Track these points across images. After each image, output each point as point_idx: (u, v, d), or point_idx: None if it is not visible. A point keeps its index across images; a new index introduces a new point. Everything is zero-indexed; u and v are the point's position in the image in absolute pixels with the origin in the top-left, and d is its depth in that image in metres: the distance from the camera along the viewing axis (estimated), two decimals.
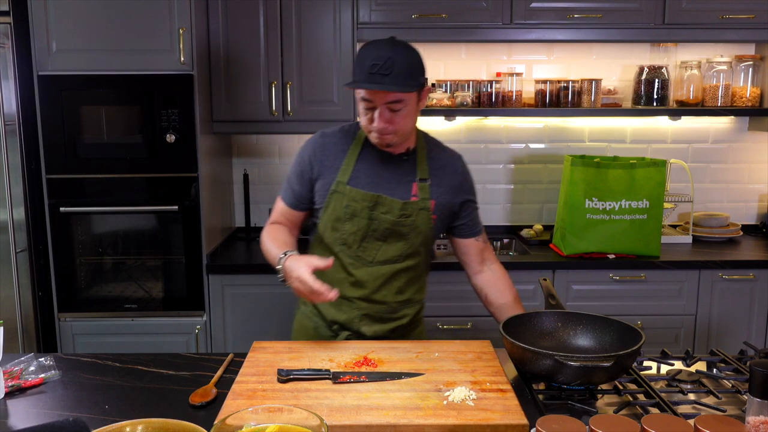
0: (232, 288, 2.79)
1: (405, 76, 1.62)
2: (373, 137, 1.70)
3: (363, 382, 1.41)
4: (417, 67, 1.67)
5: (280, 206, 1.87)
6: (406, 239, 1.76)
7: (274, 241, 1.76)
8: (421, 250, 1.81)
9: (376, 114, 1.64)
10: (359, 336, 1.81)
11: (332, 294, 1.55)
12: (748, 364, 1.45)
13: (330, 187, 1.75)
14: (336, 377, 1.42)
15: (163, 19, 2.61)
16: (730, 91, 3.10)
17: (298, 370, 1.44)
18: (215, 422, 1.07)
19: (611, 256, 2.80)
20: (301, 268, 1.57)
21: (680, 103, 3.12)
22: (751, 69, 3.10)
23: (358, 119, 1.82)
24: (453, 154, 1.88)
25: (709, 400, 1.40)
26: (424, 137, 1.85)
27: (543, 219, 3.36)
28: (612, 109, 3.13)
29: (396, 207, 1.73)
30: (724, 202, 3.37)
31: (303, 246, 1.83)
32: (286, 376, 1.42)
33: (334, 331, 1.84)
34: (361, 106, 1.68)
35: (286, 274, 1.63)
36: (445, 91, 3.10)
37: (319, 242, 1.83)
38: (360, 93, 1.65)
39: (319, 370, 1.44)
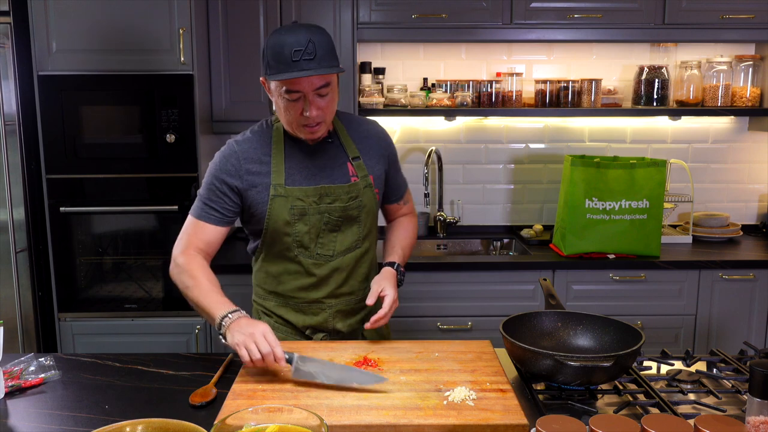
0: (232, 288, 2.77)
1: (329, 56, 1.56)
2: (304, 132, 1.64)
3: (320, 381, 1.41)
4: (333, 46, 1.60)
5: (197, 228, 1.69)
6: (359, 222, 1.74)
7: (212, 288, 1.61)
8: (372, 229, 1.80)
9: (307, 105, 1.57)
10: (335, 334, 1.80)
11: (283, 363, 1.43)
12: (748, 364, 1.45)
13: (268, 192, 1.67)
14: (297, 369, 1.43)
15: (163, 19, 2.61)
16: (730, 91, 3.10)
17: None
18: (215, 422, 1.07)
19: (611, 256, 2.80)
20: (277, 348, 1.43)
21: (680, 103, 3.12)
22: (751, 69, 3.10)
23: (271, 118, 1.76)
24: (369, 122, 1.84)
25: (709, 400, 1.40)
26: (337, 116, 1.78)
27: (543, 219, 3.36)
28: (612, 109, 3.13)
29: (342, 192, 1.70)
30: (724, 202, 3.37)
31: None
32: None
33: (307, 336, 1.81)
34: (282, 102, 1.59)
35: (235, 329, 1.47)
36: (445, 91, 3.10)
37: (268, 255, 1.76)
38: (281, 87, 1.56)
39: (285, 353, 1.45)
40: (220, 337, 1.52)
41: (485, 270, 2.79)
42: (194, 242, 1.69)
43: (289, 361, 1.41)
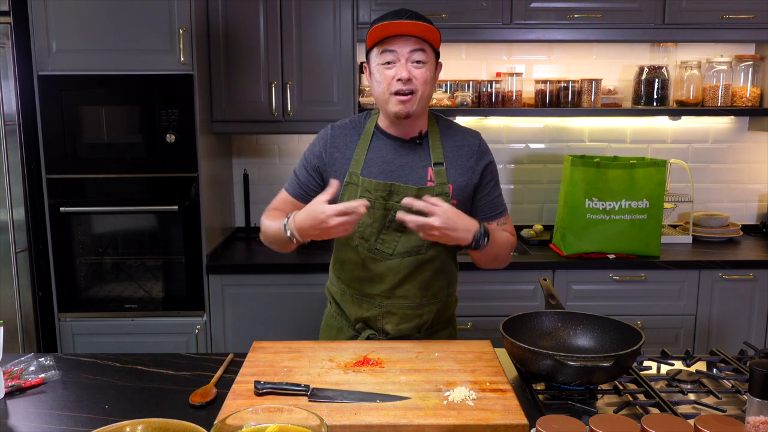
0: (232, 288, 2.79)
1: (428, 22, 1.63)
2: (394, 104, 1.64)
3: (339, 402, 1.34)
4: (433, 24, 1.65)
5: (282, 196, 1.82)
6: None
7: (274, 220, 1.71)
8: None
9: (401, 67, 1.61)
10: (383, 334, 1.77)
11: (360, 204, 1.49)
12: (748, 364, 1.45)
13: (343, 179, 1.71)
14: (313, 394, 1.36)
15: (163, 19, 2.61)
16: (730, 91, 3.10)
17: (274, 383, 1.38)
18: (215, 422, 1.07)
19: (611, 256, 2.80)
20: (316, 206, 1.53)
21: (680, 103, 3.12)
22: (751, 69, 3.10)
23: (371, 111, 1.80)
24: (470, 132, 1.80)
25: (709, 400, 1.40)
26: (436, 119, 1.79)
27: (543, 219, 3.36)
28: (612, 109, 3.13)
29: (411, 194, 1.65)
30: (724, 202, 3.37)
31: (317, 246, 1.79)
32: (261, 389, 1.36)
33: (357, 330, 1.80)
34: (378, 73, 1.64)
35: (300, 229, 1.57)
36: (445, 91, 3.10)
37: (339, 241, 1.79)
38: (378, 52, 1.63)
39: (298, 385, 1.38)
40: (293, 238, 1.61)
41: (485, 270, 2.78)
42: (276, 204, 1.82)
43: (305, 390, 1.38)
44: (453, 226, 1.54)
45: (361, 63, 1.70)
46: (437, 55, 1.69)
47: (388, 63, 1.63)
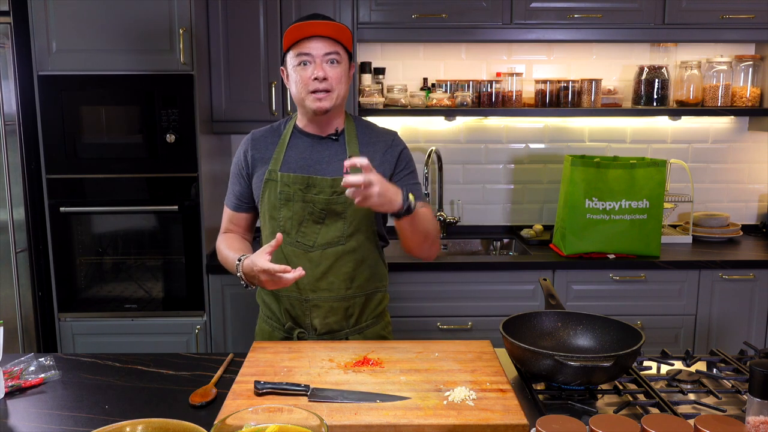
0: (232, 288, 2.79)
1: (339, 28, 1.71)
2: (311, 101, 1.71)
3: (339, 402, 1.34)
4: (347, 29, 1.73)
5: (226, 213, 1.91)
6: (344, 218, 1.74)
7: (229, 249, 1.79)
8: (364, 230, 1.78)
9: (316, 67, 1.68)
10: (312, 330, 1.79)
11: (296, 272, 1.54)
12: (748, 364, 1.45)
13: (263, 177, 1.78)
14: (313, 394, 1.36)
15: (163, 19, 2.61)
16: (730, 91, 3.10)
17: (274, 383, 1.39)
18: (215, 422, 1.07)
19: (611, 256, 2.80)
20: (258, 260, 1.58)
21: (680, 103, 3.12)
22: (751, 69, 3.10)
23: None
24: (385, 131, 1.87)
25: (709, 400, 1.40)
26: (353, 119, 1.86)
27: (543, 219, 3.36)
28: (612, 109, 3.13)
29: (327, 185, 1.73)
30: (724, 202, 3.37)
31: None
32: (261, 389, 1.37)
33: (287, 331, 1.82)
34: (295, 75, 1.71)
35: (247, 276, 1.66)
36: (445, 91, 3.10)
37: (264, 239, 1.84)
38: (294, 55, 1.69)
39: (298, 385, 1.38)
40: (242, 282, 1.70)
41: (485, 270, 2.79)
42: (225, 226, 1.92)
43: (305, 390, 1.38)
44: (386, 188, 1.55)
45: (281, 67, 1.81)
46: (350, 56, 1.77)
47: (304, 64, 1.70)
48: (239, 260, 1.68)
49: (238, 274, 1.68)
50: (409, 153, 1.86)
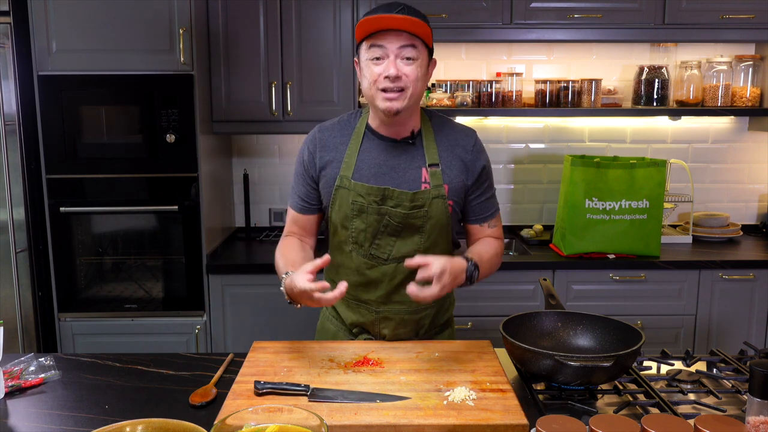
0: (232, 288, 2.79)
1: (421, 17, 1.55)
2: (381, 100, 1.56)
3: (339, 402, 1.33)
4: (426, 19, 1.57)
5: (290, 215, 1.77)
6: (422, 232, 1.65)
7: (283, 258, 1.66)
8: (440, 242, 1.69)
9: (389, 63, 1.53)
10: (380, 338, 1.74)
11: (338, 291, 1.42)
12: (748, 364, 1.45)
13: (334, 182, 1.65)
14: (313, 394, 1.36)
15: (163, 19, 2.61)
16: (730, 91, 3.10)
17: (274, 383, 1.38)
18: (215, 422, 1.07)
19: (611, 256, 2.80)
20: (298, 280, 1.45)
21: (680, 103, 3.12)
22: (751, 69, 3.10)
23: (359, 105, 1.75)
24: (465, 130, 1.73)
25: (709, 400, 1.40)
26: (429, 117, 1.72)
27: (543, 219, 3.36)
28: (612, 109, 3.13)
29: (406, 199, 1.61)
30: (724, 202, 3.37)
31: (318, 247, 1.77)
32: (261, 389, 1.36)
33: (354, 334, 1.78)
34: (367, 69, 1.57)
35: (289, 294, 1.53)
36: (445, 91, 3.10)
37: (332, 244, 1.74)
38: (367, 46, 1.55)
39: (298, 385, 1.38)
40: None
41: None
42: (288, 228, 1.78)
43: (305, 390, 1.38)
44: (452, 266, 1.50)
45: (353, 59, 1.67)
46: (430, 51, 1.62)
47: (377, 59, 1.55)
48: (285, 275, 1.55)
49: (282, 288, 1.56)
50: (489, 164, 1.75)
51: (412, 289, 1.46)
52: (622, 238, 2.78)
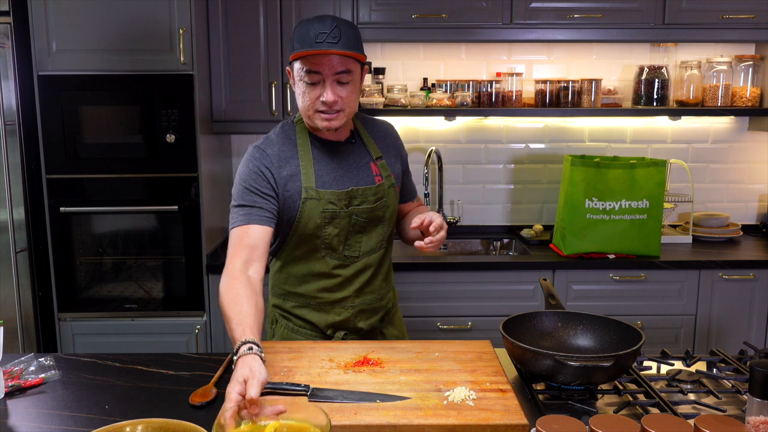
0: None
1: (353, 43, 1.57)
2: (319, 120, 1.61)
3: (339, 402, 1.33)
4: (360, 39, 1.61)
5: (240, 236, 1.59)
6: (383, 222, 1.75)
7: (233, 309, 1.44)
8: (394, 228, 1.84)
9: (326, 89, 1.56)
10: (355, 332, 1.79)
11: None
12: (748, 364, 1.45)
13: (299, 196, 1.64)
14: (313, 394, 1.36)
15: (163, 19, 2.61)
16: (730, 91, 3.10)
17: (274, 383, 1.38)
18: (215, 422, 1.07)
19: (611, 256, 2.80)
20: (263, 374, 1.27)
21: (680, 103, 3.12)
22: (751, 69, 3.10)
23: (291, 118, 1.75)
24: (385, 123, 1.87)
25: (709, 400, 1.40)
26: (354, 117, 1.81)
27: (543, 219, 3.36)
28: (612, 109, 3.13)
29: (369, 193, 1.70)
30: (724, 202, 3.37)
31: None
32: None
33: (329, 335, 1.80)
34: (301, 86, 1.60)
35: (236, 365, 1.31)
36: (445, 91, 3.10)
37: (291, 257, 1.73)
38: (302, 69, 1.57)
39: (298, 385, 1.38)
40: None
41: (485, 270, 2.79)
42: (236, 253, 1.56)
43: (305, 390, 1.38)
44: (441, 221, 1.66)
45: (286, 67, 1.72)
46: (362, 63, 1.64)
47: (313, 83, 1.58)
48: (250, 348, 1.33)
49: (235, 357, 1.33)
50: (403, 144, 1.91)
51: (420, 243, 1.61)
52: (622, 238, 2.78)
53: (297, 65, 1.60)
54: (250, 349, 1.33)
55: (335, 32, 1.54)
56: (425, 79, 3.17)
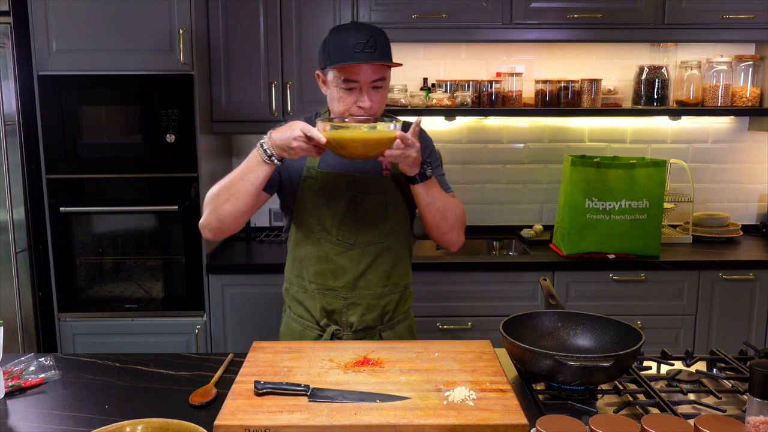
0: (232, 288, 2.79)
1: (388, 51, 1.67)
2: (354, 122, 1.66)
3: (339, 402, 1.33)
4: (390, 45, 1.70)
5: None
6: (385, 217, 1.76)
7: (228, 176, 1.67)
8: (400, 228, 1.81)
9: (362, 96, 1.65)
10: (347, 327, 1.80)
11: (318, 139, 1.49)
12: (748, 364, 1.45)
13: (301, 174, 1.74)
14: (313, 394, 1.36)
15: (163, 19, 2.61)
16: (730, 91, 3.10)
17: (274, 383, 1.38)
18: (215, 422, 1.07)
19: (611, 256, 2.80)
20: (294, 122, 1.54)
21: (680, 103, 3.12)
22: (751, 69, 3.10)
23: (317, 111, 1.81)
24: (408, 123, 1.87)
25: (709, 400, 1.40)
26: None
27: (543, 219, 3.36)
28: (612, 109, 3.13)
29: (370, 184, 1.73)
30: (724, 202, 3.37)
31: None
32: (261, 389, 1.36)
33: (321, 327, 1.82)
34: (337, 93, 1.68)
35: (273, 139, 1.57)
36: (445, 91, 3.10)
37: (296, 237, 1.81)
38: (340, 77, 1.65)
39: (298, 385, 1.37)
40: (265, 155, 1.58)
41: (485, 270, 2.79)
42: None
43: (305, 390, 1.38)
44: (418, 149, 1.59)
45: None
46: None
47: (350, 89, 1.66)
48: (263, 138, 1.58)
49: (264, 147, 1.58)
50: (433, 144, 1.89)
51: (390, 152, 1.54)
52: (622, 238, 2.78)
53: (333, 73, 1.67)
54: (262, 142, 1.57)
55: (372, 42, 1.62)
56: (425, 79, 3.17)
